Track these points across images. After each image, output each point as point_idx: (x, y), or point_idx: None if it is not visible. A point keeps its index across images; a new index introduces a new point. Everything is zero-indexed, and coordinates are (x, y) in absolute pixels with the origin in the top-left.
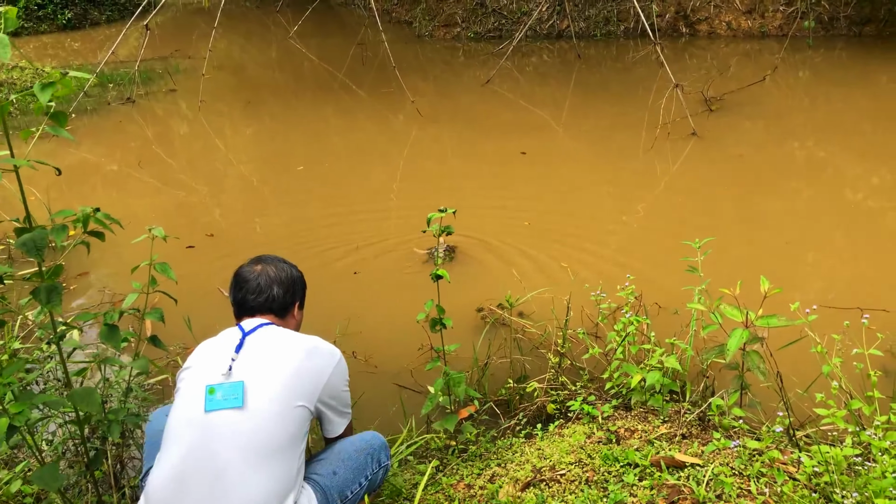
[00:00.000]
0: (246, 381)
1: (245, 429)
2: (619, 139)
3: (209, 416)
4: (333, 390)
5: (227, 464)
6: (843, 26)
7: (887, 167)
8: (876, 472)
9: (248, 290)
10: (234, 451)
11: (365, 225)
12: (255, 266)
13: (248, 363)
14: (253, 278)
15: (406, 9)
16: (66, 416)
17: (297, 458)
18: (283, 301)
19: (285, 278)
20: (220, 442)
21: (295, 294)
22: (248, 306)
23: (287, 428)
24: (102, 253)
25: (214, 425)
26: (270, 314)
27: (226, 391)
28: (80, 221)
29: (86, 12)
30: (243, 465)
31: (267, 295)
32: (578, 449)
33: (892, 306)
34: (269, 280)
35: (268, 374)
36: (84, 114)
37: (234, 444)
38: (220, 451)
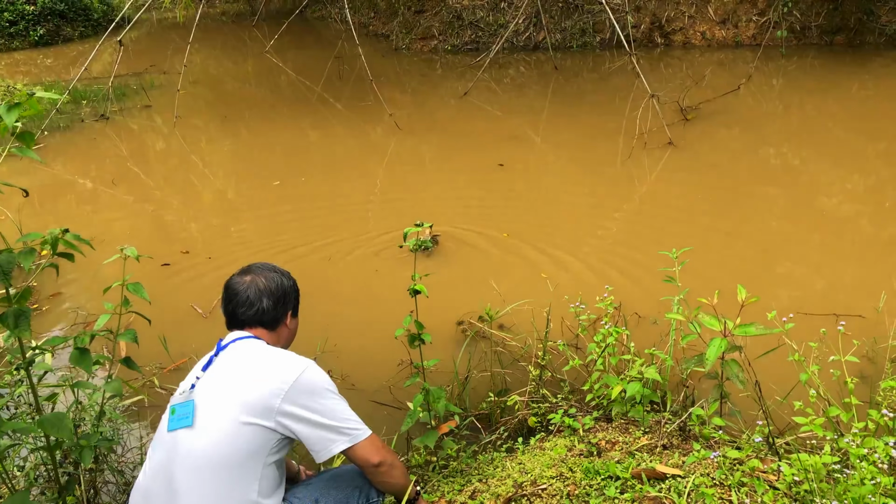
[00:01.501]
0: (197, 400)
1: (195, 447)
2: (597, 149)
3: (171, 435)
4: (299, 404)
5: (179, 484)
6: (814, 35)
7: (860, 173)
8: (855, 479)
9: (238, 304)
10: (187, 470)
11: (342, 239)
12: (244, 277)
13: (208, 381)
14: (242, 290)
15: (383, 22)
16: (38, 441)
17: (256, 478)
18: (274, 314)
19: (275, 289)
20: (177, 462)
21: (286, 305)
22: (238, 319)
23: (238, 446)
24: (76, 273)
25: (173, 445)
26: (260, 327)
27: (180, 410)
28: (49, 244)
29: (58, 28)
30: (195, 484)
31: (256, 308)
32: (560, 462)
33: (866, 312)
34: (258, 292)
35: (221, 392)
36: (57, 131)
37: (188, 464)
38: (175, 472)
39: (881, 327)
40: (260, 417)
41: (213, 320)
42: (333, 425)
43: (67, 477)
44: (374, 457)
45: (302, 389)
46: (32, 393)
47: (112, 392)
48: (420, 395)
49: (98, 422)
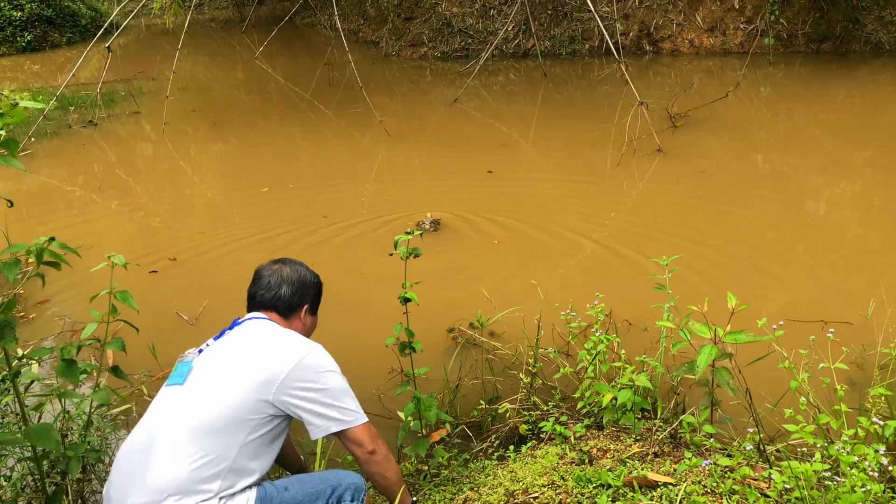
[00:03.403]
0: (196, 363)
1: (181, 405)
2: (586, 156)
3: (166, 390)
4: (299, 385)
5: (157, 438)
6: (801, 43)
7: (847, 180)
8: (845, 486)
9: (259, 286)
10: (167, 426)
11: (331, 246)
12: (273, 265)
13: (215, 349)
14: (266, 275)
15: (373, 29)
16: (25, 452)
17: (234, 448)
18: (289, 301)
19: (296, 280)
20: (161, 417)
21: (304, 297)
22: (256, 301)
23: (222, 412)
24: (63, 280)
25: (163, 401)
26: (274, 312)
27: (179, 369)
28: (34, 254)
29: (46, 34)
30: (171, 441)
31: (274, 293)
32: (551, 470)
33: (855, 319)
34: (280, 279)
35: (224, 360)
36: (45, 137)
37: (170, 420)
38: (158, 426)
39: (870, 334)
40: (257, 390)
41: (200, 327)
42: (333, 404)
43: (55, 487)
44: (368, 443)
45: (307, 367)
46: (19, 403)
47: (100, 401)
48: (411, 403)
49: (86, 431)
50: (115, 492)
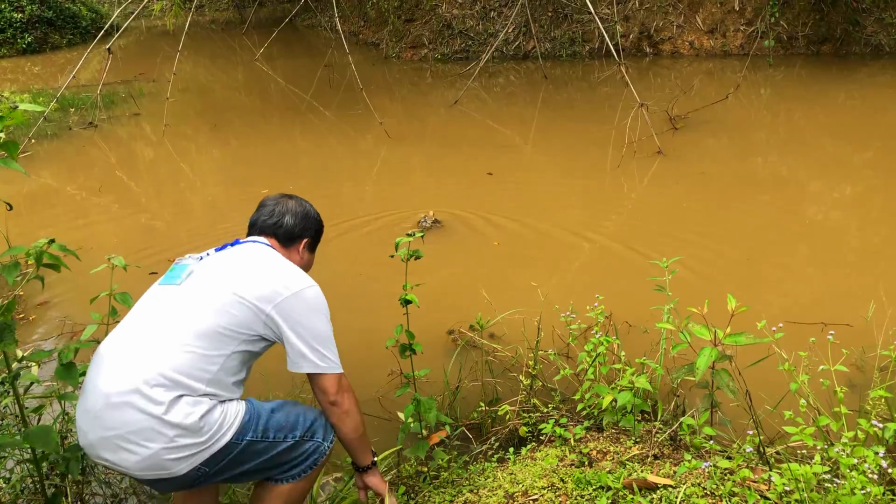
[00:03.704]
0: (196, 267)
1: (177, 305)
2: (587, 158)
3: (159, 288)
4: (295, 311)
5: (151, 331)
6: (801, 45)
7: (847, 182)
8: (845, 488)
9: (263, 213)
10: (162, 321)
11: (330, 247)
12: (279, 197)
13: (217, 258)
14: (271, 204)
15: (373, 31)
16: (24, 453)
17: (223, 356)
18: (291, 230)
19: (301, 212)
20: (155, 312)
21: (305, 230)
22: (258, 227)
23: (220, 319)
24: (63, 282)
25: (156, 298)
26: (275, 239)
27: (177, 269)
28: (33, 256)
29: (46, 36)
30: (165, 335)
31: (277, 220)
32: (551, 473)
33: (855, 321)
34: (284, 209)
35: (226, 269)
36: (45, 139)
37: (166, 316)
38: (150, 320)
39: (869, 336)
40: (257, 301)
41: None
42: (316, 347)
43: (54, 489)
44: (332, 394)
45: (305, 300)
46: (18, 405)
47: None
48: (411, 405)
49: None
50: (99, 382)
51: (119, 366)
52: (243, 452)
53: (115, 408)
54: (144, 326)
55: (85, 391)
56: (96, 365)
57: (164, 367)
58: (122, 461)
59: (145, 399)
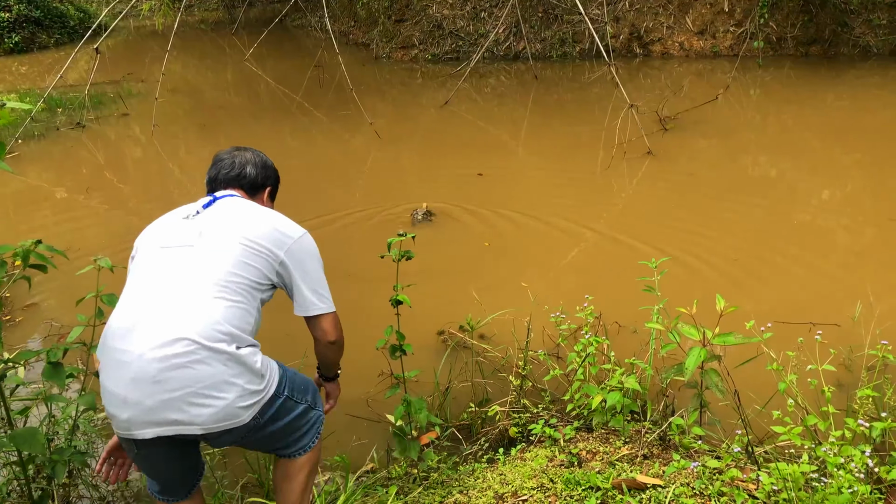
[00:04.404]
0: (203, 225)
1: (198, 264)
2: (577, 159)
3: (164, 252)
4: (298, 258)
5: (181, 292)
6: (790, 46)
7: (836, 183)
8: (832, 487)
9: (222, 167)
10: (185, 281)
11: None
12: (233, 150)
13: (212, 213)
14: (227, 157)
15: (363, 31)
16: (10, 456)
17: (254, 309)
18: (254, 180)
19: (259, 162)
20: (175, 274)
21: (267, 178)
22: (219, 181)
23: (245, 271)
24: (51, 283)
25: (169, 260)
26: (240, 189)
27: (181, 231)
28: (20, 256)
29: (33, 36)
30: (198, 292)
31: (239, 171)
32: (541, 473)
33: (842, 321)
34: (244, 160)
35: (228, 221)
36: (32, 139)
37: (192, 277)
38: (174, 282)
39: (857, 336)
40: (272, 246)
41: None
42: (318, 290)
43: (41, 492)
44: (333, 332)
45: (304, 247)
46: (4, 407)
47: (86, 405)
48: (401, 406)
49: (72, 436)
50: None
51: (167, 328)
52: (281, 408)
53: (178, 367)
54: (175, 287)
55: (119, 364)
56: (127, 334)
57: (217, 323)
58: (195, 417)
59: (213, 353)
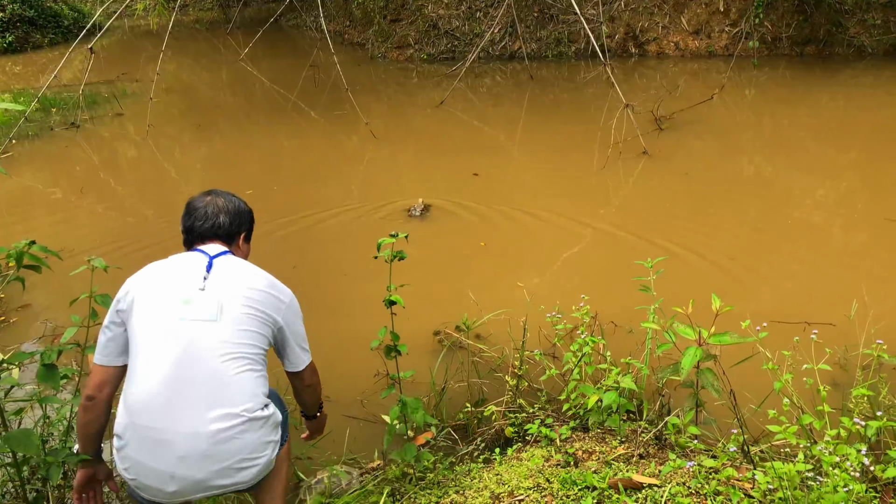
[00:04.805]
0: (220, 297)
1: (222, 338)
2: (572, 158)
3: (187, 325)
4: (291, 321)
5: (215, 369)
6: (785, 46)
7: (830, 182)
8: (828, 486)
9: (196, 217)
10: (215, 356)
11: (313, 245)
12: (205, 197)
13: (218, 281)
14: (202, 207)
15: (358, 31)
16: (5, 457)
17: (264, 374)
18: (229, 229)
19: (232, 209)
20: (204, 350)
21: (241, 224)
22: (196, 232)
23: (256, 341)
24: (45, 283)
25: (194, 335)
26: (218, 240)
27: (201, 304)
28: (14, 257)
29: (27, 35)
30: (229, 368)
31: (213, 222)
32: (537, 473)
33: (838, 320)
34: (216, 209)
35: (237, 292)
36: (26, 139)
37: (216, 351)
38: (205, 358)
39: (852, 335)
40: (273, 312)
41: None
42: (303, 345)
43: (36, 493)
44: (311, 377)
45: (294, 309)
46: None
47: None
48: (396, 406)
49: (66, 437)
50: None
51: (211, 406)
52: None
53: (227, 441)
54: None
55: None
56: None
57: (253, 395)
58: (241, 478)
59: (254, 421)
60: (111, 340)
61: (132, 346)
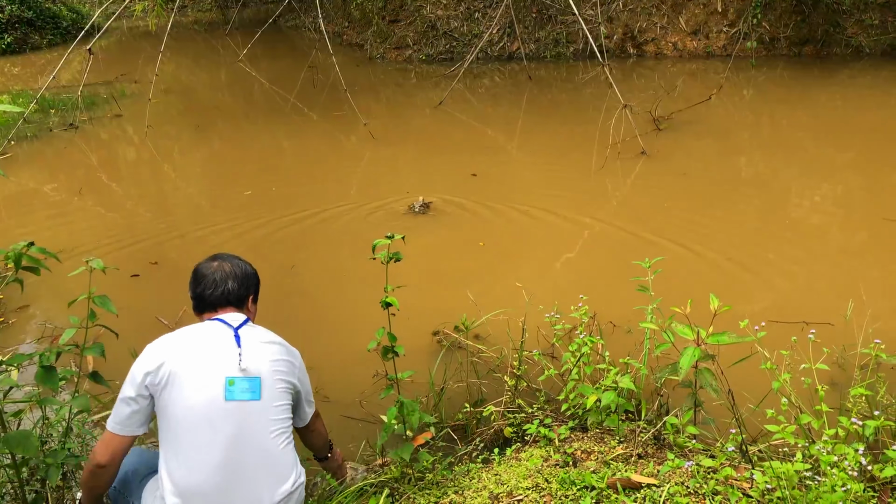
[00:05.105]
0: (259, 375)
1: (267, 416)
2: (571, 159)
3: (234, 407)
4: (303, 380)
5: (266, 449)
6: (783, 46)
7: (829, 182)
8: (826, 486)
9: (206, 286)
10: (264, 435)
11: (312, 247)
12: (211, 263)
13: (252, 357)
14: (210, 274)
15: (357, 31)
16: (4, 459)
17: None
18: (239, 294)
19: (240, 273)
20: (254, 432)
21: (249, 288)
22: (208, 301)
23: (288, 411)
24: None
25: (242, 416)
26: (230, 307)
27: (244, 384)
28: (12, 259)
29: (26, 37)
30: (277, 444)
31: (223, 288)
32: (535, 473)
33: (836, 320)
34: (224, 275)
35: (269, 367)
36: (25, 140)
37: (264, 429)
38: (255, 440)
39: (850, 335)
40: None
41: None
42: (310, 399)
43: (35, 495)
44: (317, 422)
45: (303, 367)
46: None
47: (79, 408)
48: (394, 407)
49: (65, 438)
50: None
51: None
52: None
53: None
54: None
55: None
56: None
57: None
58: None
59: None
60: (137, 413)
61: (171, 423)
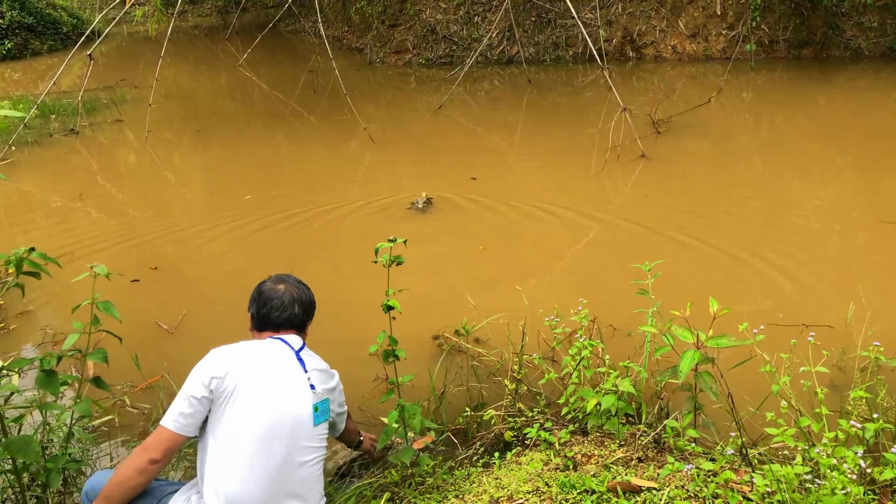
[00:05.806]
0: (320, 402)
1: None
2: (571, 162)
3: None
4: (339, 394)
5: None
6: (782, 49)
7: (828, 184)
8: (825, 489)
9: (273, 307)
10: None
11: (312, 253)
12: (278, 285)
13: (316, 384)
14: (277, 296)
15: (357, 36)
16: (5, 464)
17: None
18: (302, 319)
19: (305, 300)
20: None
21: (310, 315)
22: (274, 322)
23: (325, 439)
24: (45, 290)
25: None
26: (293, 329)
27: (322, 407)
28: (13, 264)
29: (26, 42)
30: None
31: (290, 312)
32: (536, 477)
33: (835, 322)
34: (292, 299)
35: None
36: (25, 146)
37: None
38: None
39: (849, 337)
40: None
41: (180, 336)
42: (345, 412)
43: (35, 500)
44: (350, 422)
45: (341, 388)
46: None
47: (81, 413)
48: (395, 411)
49: (66, 443)
50: None
51: None
52: None
53: None
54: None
55: None
56: None
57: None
58: None
59: None
60: (197, 413)
61: (230, 431)
